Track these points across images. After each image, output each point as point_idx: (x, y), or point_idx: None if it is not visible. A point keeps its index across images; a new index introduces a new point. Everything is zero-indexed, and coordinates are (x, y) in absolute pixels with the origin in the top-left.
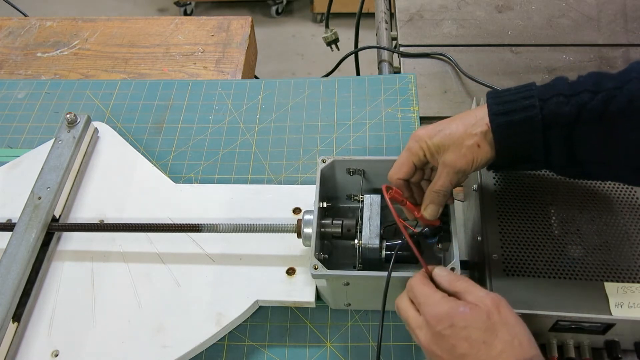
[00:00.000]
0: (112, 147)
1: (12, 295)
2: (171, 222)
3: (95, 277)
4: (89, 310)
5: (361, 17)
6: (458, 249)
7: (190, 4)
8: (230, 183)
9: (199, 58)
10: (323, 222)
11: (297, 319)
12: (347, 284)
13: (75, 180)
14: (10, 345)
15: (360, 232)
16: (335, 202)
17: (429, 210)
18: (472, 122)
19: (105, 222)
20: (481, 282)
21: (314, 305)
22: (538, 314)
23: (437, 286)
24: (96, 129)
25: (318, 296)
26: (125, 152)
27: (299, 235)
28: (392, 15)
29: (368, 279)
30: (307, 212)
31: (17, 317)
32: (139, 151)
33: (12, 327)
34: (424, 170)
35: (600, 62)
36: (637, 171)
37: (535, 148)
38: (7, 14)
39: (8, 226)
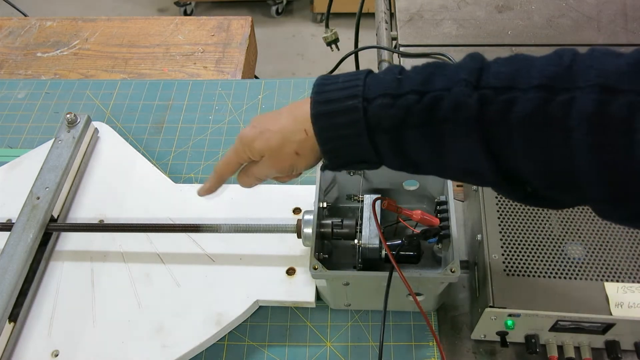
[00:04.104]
0: (112, 147)
1: (8, 296)
2: (171, 222)
3: (95, 277)
4: (89, 310)
5: (361, 17)
6: (458, 249)
7: (190, 4)
8: (230, 183)
9: (199, 58)
10: (323, 222)
11: (297, 319)
12: (347, 284)
13: (74, 180)
14: (6, 345)
15: (360, 232)
16: (335, 202)
17: (210, 183)
18: (292, 126)
19: (105, 222)
20: (481, 282)
21: (314, 305)
22: (538, 314)
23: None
24: (96, 129)
25: (318, 296)
26: (125, 152)
27: (299, 235)
28: (392, 15)
29: (368, 279)
30: (307, 212)
31: (13, 317)
32: (139, 151)
33: (8, 327)
34: None
35: None
36: (467, 175)
37: (364, 151)
38: (7, 14)
39: (7, 226)
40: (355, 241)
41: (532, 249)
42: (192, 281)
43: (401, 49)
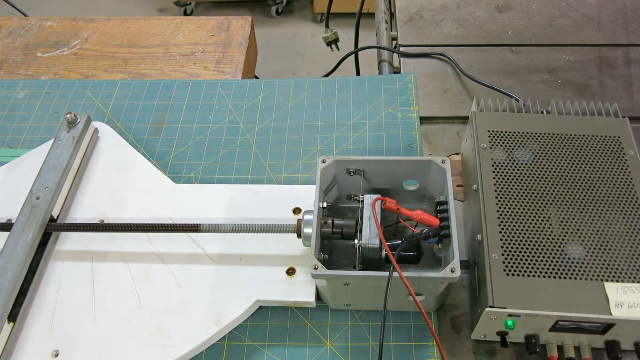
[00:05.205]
0: (112, 147)
1: (7, 295)
2: (171, 222)
3: (95, 277)
4: (89, 310)
5: (361, 17)
6: (458, 249)
7: (190, 4)
8: (230, 183)
9: (199, 58)
10: (323, 222)
11: (297, 319)
12: (347, 284)
13: (74, 180)
14: (5, 344)
15: (360, 232)
16: (335, 202)
17: None
18: None
19: (105, 222)
20: (481, 282)
21: (314, 305)
22: (538, 313)
23: None
24: (96, 129)
25: (318, 296)
26: (125, 152)
27: (299, 235)
28: (392, 15)
29: (368, 279)
30: (307, 212)
31: (12, 316)
32: (139, 151)
33: (7, 326)
34: None
35: (601, 62)
36: None
37: None
38: (7, 14)
39: (6, 226)
40: (355, 241)
41: (532, 249)
42: (192, 281)
43: (401, 49)
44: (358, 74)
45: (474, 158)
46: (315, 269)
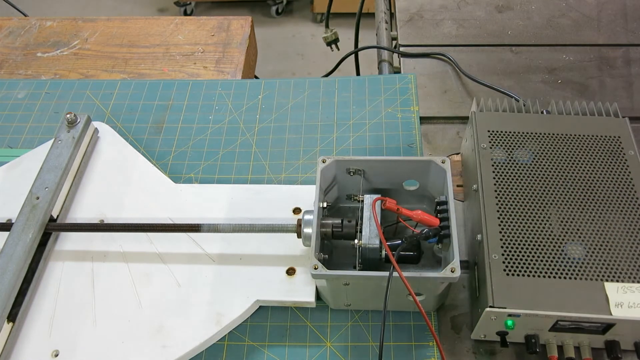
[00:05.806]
0: (112, 147)
1: (7, 295)
2: (171, 222)
3: (95, 277)
4: (89, 310)
5: (361, 17)
6: (458, 249)
7: (190, 4)
8: (230, 183)
9: (199, 58)
10: (323, 222)
11: (297, 319)
12: (347, 284)
13: (74, 180)
14: (5, 344)
15: (360, 232)
16: (335, 202)
17: None
18: None
19: (105, 222)
20: (481, 282)
21: (314, 305)
22: (538, 314)
23: None
24: (96, 129)
25: (318, 296)
26: (125, 152)
27: (299, 235)
28: (392, 15)
29: (368, 279)
30: (307, 212)
31: (12, 316)
32: (139, 151)
33: (7, 326)
34: None
35: (600, 62)
36: None
37: None
38: (7, 14)
39: (6, 226)
40: (356, 241)
41: (532, 249)
42: (192, 281)
43: (401, 49)
44: (358, 74)
45: (474, 158)
46: (315, 269)
